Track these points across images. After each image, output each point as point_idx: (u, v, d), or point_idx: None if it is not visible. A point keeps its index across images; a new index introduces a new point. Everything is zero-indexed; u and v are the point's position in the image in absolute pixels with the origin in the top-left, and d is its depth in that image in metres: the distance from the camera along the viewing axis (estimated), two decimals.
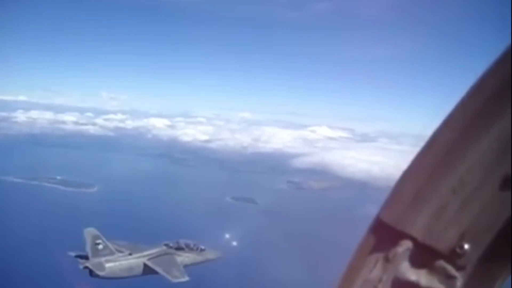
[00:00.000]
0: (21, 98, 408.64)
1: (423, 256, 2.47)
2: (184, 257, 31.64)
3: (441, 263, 2.41)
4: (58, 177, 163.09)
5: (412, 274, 2.51)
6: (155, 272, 29.92)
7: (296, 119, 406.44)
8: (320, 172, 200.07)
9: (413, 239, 2.50)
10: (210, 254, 33.23)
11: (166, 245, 32.06)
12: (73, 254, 31.08)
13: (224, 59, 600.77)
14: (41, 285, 77.15)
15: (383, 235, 2.63)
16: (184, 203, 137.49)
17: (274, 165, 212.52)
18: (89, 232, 31.37)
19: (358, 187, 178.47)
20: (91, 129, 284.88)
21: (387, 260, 2.60)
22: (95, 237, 30.84)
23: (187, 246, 32.54)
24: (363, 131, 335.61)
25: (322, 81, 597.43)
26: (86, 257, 29.75)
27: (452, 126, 2.45)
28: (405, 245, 2.52)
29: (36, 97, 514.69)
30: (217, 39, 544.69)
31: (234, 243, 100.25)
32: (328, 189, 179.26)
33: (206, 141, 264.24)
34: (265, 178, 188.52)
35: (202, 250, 32.81)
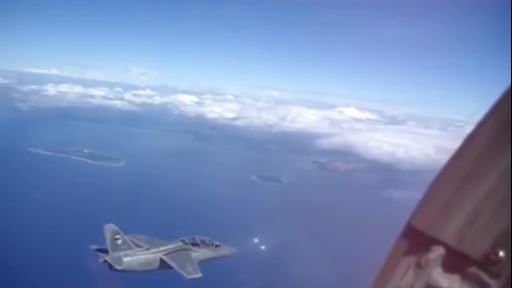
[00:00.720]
0: (53, 71, 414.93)
1: (456, 263, 2.45)
2: (199, 253, 32.58)
3: (475, 270, 2.37)
4: (86, 151, 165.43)
5: (445, 281, 2.49)
6: (171, 267, 31.08)
7: (325, 99, 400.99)
8: (344, 153, 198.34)
9: (445, 245, 2.48)
10: (224, 250, 34.11)
11: (183, 241, 33.01)
12: (94, 247, 31.89)
13: (256, 37, 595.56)
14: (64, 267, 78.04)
15: (415, 241, 2.61)
16: (209, 180, 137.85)
17: (299, 144, 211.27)
18: (109, 227, 31.94)
19: (383, 169, 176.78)
20: (118, 104, 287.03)
21: (418, 266, 2.58)
22: (114, 233, 31.62)
23: (203, 242, 33.36)
24: (392, 113, 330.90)
25: (353, 62, 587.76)
26: (106, 251, 30.88)
27: (484, 132, 2.41)
28: (437, 251, 2.50)
29: (68, 71, 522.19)
30: (249, 17, 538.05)
31: (258, 224, 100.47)
32: (353, 171, 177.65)
33: (232, 118, 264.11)
34: (291, 157, 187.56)
35: (217, 246, 33.64)
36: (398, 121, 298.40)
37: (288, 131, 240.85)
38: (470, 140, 2.51)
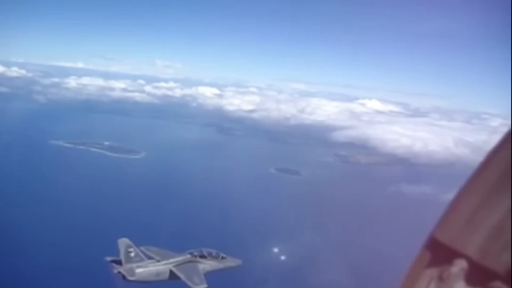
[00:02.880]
0: (79, 65, 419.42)
1: (479, 277, 2.40)
2: (206, 265, 34.77)
3: (498, 284, 2.34)
4: (106, 143, 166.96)
5: None
6: (179, 278, 33.41)
7: (350, 91, 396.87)
8: (360, 146, 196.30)
9: (468, 259, 2.44)
10: (230, 262, 36.23)
11: (191, 253, 35.18)
12: (109, 259, 34.31)
13: (284, 30, 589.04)
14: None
15: (438, 253, 2.59)
16: (226, 173, 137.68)
17: (316, 137, 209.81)
18: (123, 242, 34.62)
19: (398, 162, 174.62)
20: (137, 96, 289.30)
21: (441, 279, 2.55)
22: (128, 246, 34.25)
23: (209, 254, 35.51)
24: (417, 106, 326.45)
25: (383, 55, 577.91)
26: (120, 262, 33.50)
27: (510, 145, 2.39)
28: (460, 265, 2.47)
29: (94, 64, 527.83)
30: (278, 10, 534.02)
31: (280, 220, 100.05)
32: (374, 164, 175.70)
33: (250, 111, 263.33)
34: (307, 150, 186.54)
35: (223, 258, 35.77)
36: (421, 114, 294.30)
37: (305, 124, 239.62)
38: (495, 153, 2.47)
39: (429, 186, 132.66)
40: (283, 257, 75.53)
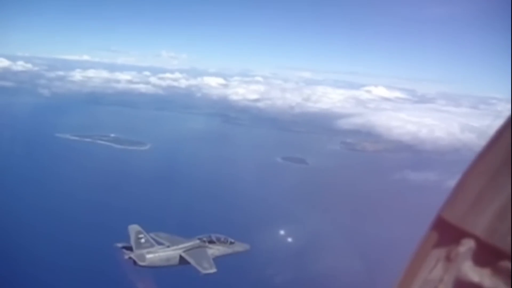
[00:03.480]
0: (85, 57, 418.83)
1: (487, 256, 2.41)
2: (215, 250, 35.33)
3: (506, 263, 2.33)
4: (112, 135, 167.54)
5: (475, 275, 2.46)
6: (189, 263, 33.98)
7: (356, 78, 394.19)
8: (365, 134, 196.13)
9: (476, 238, 2.45)
10: (238, 247, 36.84)
11: (200, 239, 35.72)
12: (120, 245, 34.91)
13: (290, 19, 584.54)
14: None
15: (445, 233, 2.59)
16: (231, 163, 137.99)
17: (321, 125, 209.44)
18: (133, 228, 35.37)
19: (404, 149, 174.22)
20: (143, 87, 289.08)
21: (448, 259, 2.56)
22: (138, 232, 34.88)
23: (218, 239, 36.08)
24: (424, 92, 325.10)
25: (387, 42, 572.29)
26: (131, 249, 34.09)
27: None
28: (468, 245, 2.47)
29: (99, 57, 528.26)
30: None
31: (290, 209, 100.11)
32: (381, 151, 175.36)
33: (255, 100, 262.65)
34: (312, 138, 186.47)
35: (231, 243, 36.37)
36: (428, 100, 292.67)
37: (310, 112, 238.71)
38: (502, 132, 2.47)
39: (434, 172, 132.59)
40: (289, 244, 75.79)
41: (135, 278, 37.25)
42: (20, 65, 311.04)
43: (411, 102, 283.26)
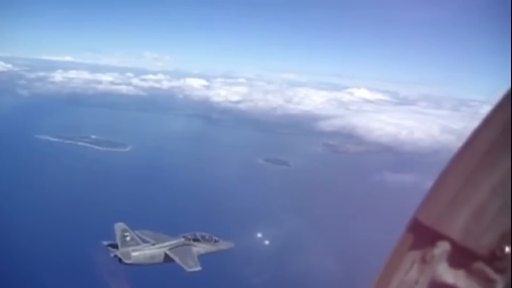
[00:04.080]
0: (67, 58, 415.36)
1: (461, 258, 2.44)
2: (200, 248, 35.53)
3: (480, 265, 2.36)
4: (93, 137, 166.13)
5: (450, 277, 2.48)
6: (174, 261, 34.19)
7: (340, 81, 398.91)
8: (346, 135, 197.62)
9: (451, 240, 2.47)
10: (223, 245, 37.07)
11: (185, 236, 35.92)
12: (105, 243, 35.01)
13: (273, 20, 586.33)
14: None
15: (420, 235, 2.61)
16: (213, 164, 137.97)
17: (301, 126, 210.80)
18: (119, 226, 35.42)
19: (383, 151, 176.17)
20: (124, 89, 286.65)
21: (424, 261, 2.58)
22: (123, 230, 34.99)
23: (203, 237, 36.27)
24: (406, 94, 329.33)
25: (371, 44, 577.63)
26: (116, 246, 34.15)
27: (493, 126, 2.41)
28: (443, 247, 2.49)
29: (82, 57, 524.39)
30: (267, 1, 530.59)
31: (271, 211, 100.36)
32: (363, 153, 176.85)
33: (237, 101, 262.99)
34: (294, 139, 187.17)
35: (216, 241, 36.56)
36: (409, 102, 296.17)
37: (291, 114, 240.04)
38: (477, 134, 2.49)
39: (412, 174, 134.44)
40: (270, 246, 76.19)
41: (119, 276, 37.97)
42: (0, 65, 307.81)
43: (393, 104, 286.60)
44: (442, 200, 2.54)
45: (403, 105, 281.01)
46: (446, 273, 2.49)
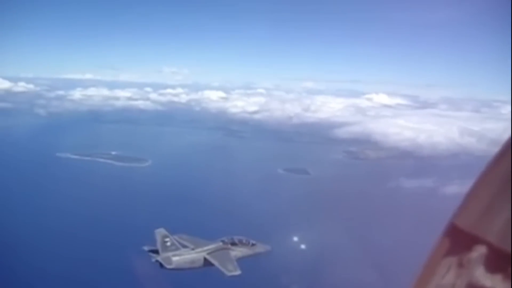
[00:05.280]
0: (87, 76, 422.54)
1: (498, 262, 2.42)
2: (238, 251, 36.11)
3: None
4: (113, 153, 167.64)
5: (487, 280, 2.46)
6: (213, 265, 34.74)
7: (360, 87, 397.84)
8: (363, 141, 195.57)
9: (488, 244, 2.46)
10: (260, 248, 37.47)
11: (223, 241, 36.49)
12: (146, 248, 35.83)
13: (292, 30, 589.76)
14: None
15: (457, 239, 2.61)
16: (231, 176, 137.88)
17: (318, 134, 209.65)
18: (159, 232, 36.02)
19: (408, 156, 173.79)
20: (141, 104, 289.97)
21: (460, 265, 2.58)
22: (164, 236, 35.58)
23: (240, 241, 36.67)
24: (427, 97, 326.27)
25: (392, 49, 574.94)
26: (157, 252, 34.85)
27: None
28: (480, 250, 2.48)
29: (102, 75, 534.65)
30: (285, 11, 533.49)
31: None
32: (383, 159, 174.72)
33: (253, 112, 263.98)
34: (311, 148, 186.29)
35: (253, 244, 37.02)
36: (429, 105, 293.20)
37: (308, 122, 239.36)
38: None
39: (432, 178, 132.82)
40: (295, 254, 75.87)
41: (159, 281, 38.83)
42: (21, 86, 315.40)
43: (412, 108, 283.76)
44: (479, 204, 2.53)
45: (423, 109, 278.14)
46: (484, 277, 2.47)
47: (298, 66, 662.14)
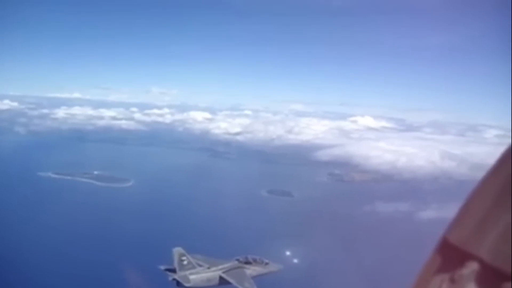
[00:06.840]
0: (75, 95, 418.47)
1: (490, 278, 2.42)
2: (252, 270, 36.93)
3: (509, 286, 2.35)
4: (95, 172, 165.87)
5: None
6: (229, 283, 35.70)
7: (347, 109, 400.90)
8: (343, 164, 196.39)
9: (480, 260, 2.46)
10: (273, 267, 38.38)
11: (237, 259, 37.38)
12: (162, 268, 36.69)
13: (281, 51, 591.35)
14: None
15: (449, 255, 2.61)
16: (214, 197, 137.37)
17: (299, 156, 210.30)
18: (177, 250, 36.74)
19: (380, 179, 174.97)
20: (124, 124, 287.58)
21: (452, 281, 2.56)
22: (181, 255, 36.25)
23: (254, 260, 37.67)
24: (413, 121, 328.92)
25: (380, 72, 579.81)
26: (173, 270, 35.60)
27: None
28: (472, 267, 2.48)
29: (90, 94, 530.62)
30: (274, 32, 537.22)
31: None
32: (365, 182, 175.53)
33: (236, 133, 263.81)
34: (293, 169, 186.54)
35: (266, 263, 37.98)
36: (414, 128, 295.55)
37: (290, 144, 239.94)
38: (507, 154, 2.49)
39: (407, 203, 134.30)
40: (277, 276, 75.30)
41: None
42: (5, 104, 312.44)
43: (396, 131, 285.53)
44: (471, 220, 2.53)
45: (407, 132, 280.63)
46: None
47: (288, 87, 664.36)
